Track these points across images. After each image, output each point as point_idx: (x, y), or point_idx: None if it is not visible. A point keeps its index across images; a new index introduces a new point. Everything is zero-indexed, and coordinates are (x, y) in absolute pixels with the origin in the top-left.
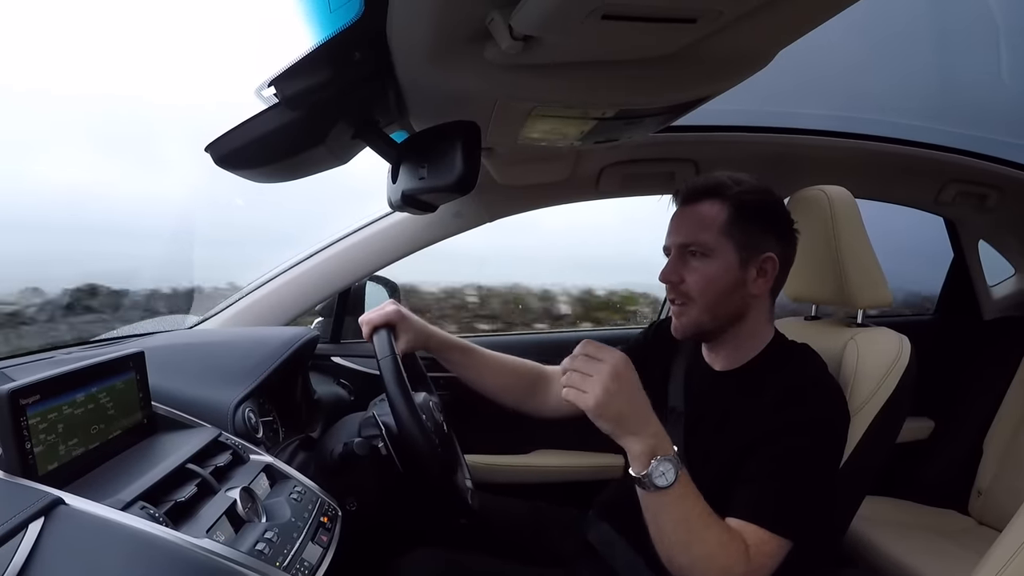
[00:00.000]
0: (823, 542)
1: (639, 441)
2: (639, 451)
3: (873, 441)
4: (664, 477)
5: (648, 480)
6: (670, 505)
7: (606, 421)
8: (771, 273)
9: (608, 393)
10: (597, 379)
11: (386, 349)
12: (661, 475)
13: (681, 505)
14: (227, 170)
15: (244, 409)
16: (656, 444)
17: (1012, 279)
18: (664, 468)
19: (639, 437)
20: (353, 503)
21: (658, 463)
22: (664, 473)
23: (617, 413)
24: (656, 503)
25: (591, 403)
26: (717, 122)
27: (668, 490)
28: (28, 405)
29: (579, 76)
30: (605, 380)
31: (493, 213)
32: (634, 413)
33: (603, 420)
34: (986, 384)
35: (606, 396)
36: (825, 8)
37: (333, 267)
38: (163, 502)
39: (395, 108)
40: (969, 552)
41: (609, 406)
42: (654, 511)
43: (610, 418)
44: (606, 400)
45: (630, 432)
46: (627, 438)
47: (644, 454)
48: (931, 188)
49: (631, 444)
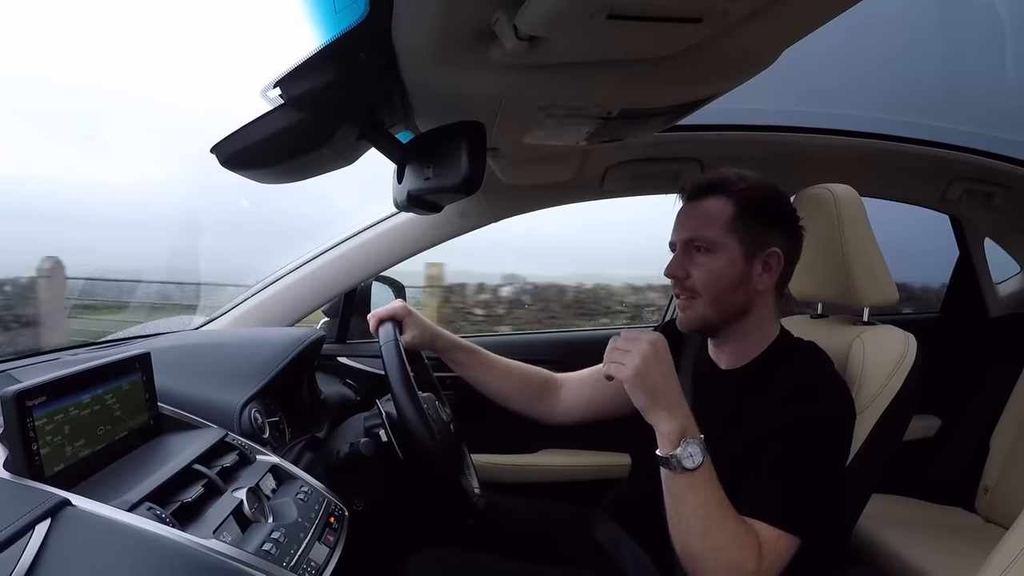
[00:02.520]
0: (832, 540)
1: (671, 419)
2: (669, 429)
3: (880, 439)
4: (692, 459)
5: (676, 460)
6: (694, 488)
7: (642, 392)
8: (776, 268)
9: (645, 364)
10: (636, 352)
11: (389, 336)
12: (689, 456)
13: (704, 489)
14: (233, 171)
15: (250, 409)
16: (686, 425)
17: (1018, 277)
18: (692, 450)
19: (671, 415)
20: (360, 503)
21: (687, 444)
22: (692, 455)
23: (653, 385)
24: (680, 485)
25: (630, 372)
26: (722, 121)
27: (694, 472)
28: (34, 407)
29: (584, 76)
30: (643, 352)
31: (498, 213)
32: (668, 390)
33: (639, 391)
34: (992, 382)
35: (644, 367)
36: (830, 7)
37: (339, 267)
38: (170, 503)
39: (400, 109)
40: (976, 550)
41: (646, 376)
42: (677, 493)
43: (647, 389)
44: (644, 370)
45: (663, 408)
46: (659, 413)
47: (674, 433)
48: (937, 186)
49: (662, 421)
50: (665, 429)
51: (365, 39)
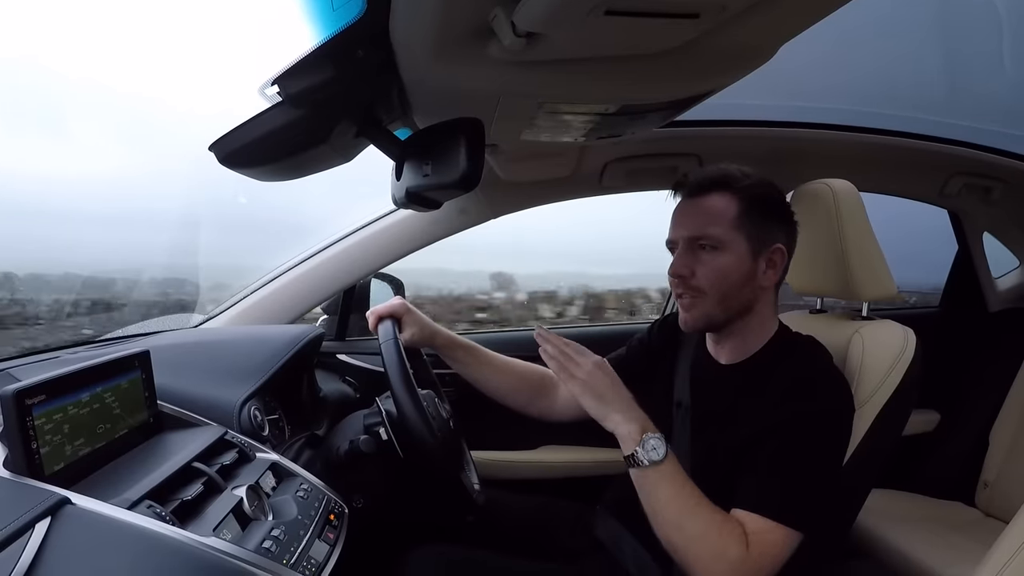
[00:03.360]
0: (831, 534)
1: (626, 420)
2: (627, 430)
3: (879, 434)
4: (656, 451)
5: (640, 456)
6: (663, 481)
7: (591, 398)
8: (780, 264)
9: (591, 376)
10: (580, 369)
11: (389, 334)
12: (652, 449)
13: (673, 480)
14: (231, 168)
15: (250, 407)
16: (644, 424)
17: (1017, 271)
18: (654, 443)
19: (625, 416)
20: (360, 500)
21: (647, 438)
22: (655, 447)
23: (600, 390)
24: (650, 481)
25: (578, 387)
26: (721, 116)
27: (660, 465)
28: (34, 405)
29: (582, 72)
30: (588, 362)
31: (497, 209)
32: (616, 396)
33: (587, 397)
34: (992, 376)
35: (590, 379)
36: (828, 2)
37: (338, 265)
38: (169, 501)
39: (398, 105)
40: (975, 544)
41: (591, 384)
42: (648, 490)
43: (596, 394)
44: (591, 381)
45: (616, 410)
46: (614, 416)
47: (634, 431)
48: (936, 181)
49: (619, 423)
50: (623, 431)
51: (363, 36)
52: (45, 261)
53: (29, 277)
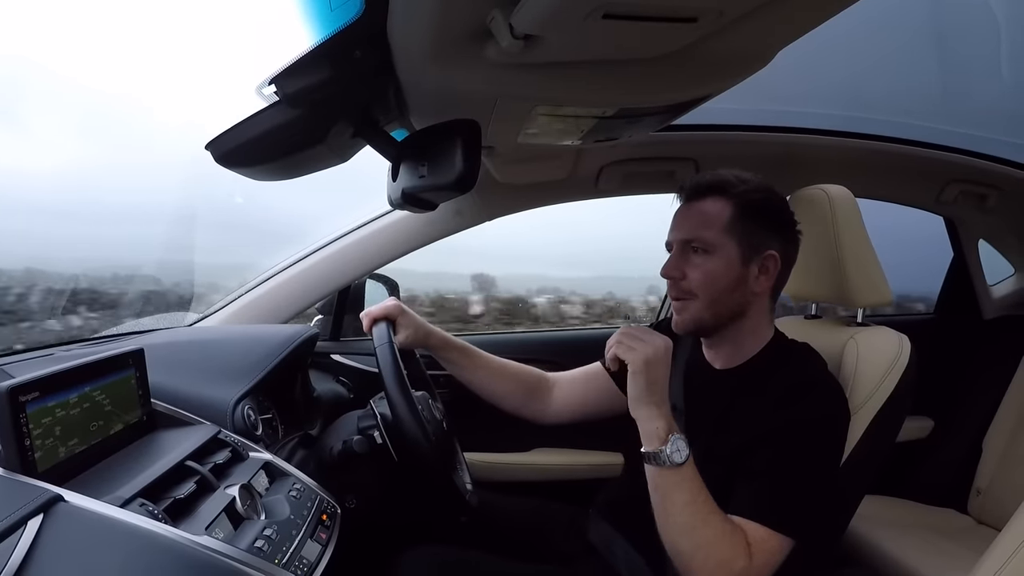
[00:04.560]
0: (825, 541)
1: (660, 416)
2: (657, 426)
3: (873, 440)
4: (680, 453)
5: (665, 456)
6: (681, 484)
7: (644, 381)
8: (773, 271)
9: (656, 355)
10: (649, 343)
11: (384, 337)
12: (677, 451)
13: (691, 485)
14: (227, 168)
15: (243, 406)
16: (671, 423)
17: (1012, 278)
18: (680, 445)
19: (660, 412)
20: (352, 500)
21: (674, 439)
22: (680, 450)
23: (654, 378)
24: (668, 482)
25: (639, 358)
26: (717, 121)
27: (681, 468)
28: (27, 402)
29: (579, 75)
30: (656, 346)
31: (492, 211)
32: (662, 387)
33: (642, 378)
34: (986, 383)
35: (654, 357)
36: (825, 8)
37: (333, 265)
38: (162, 499)
39: (395, 106)
40: (968, 551)
41: (653, 367)
42: (664, 491)
43: (649, 380)
44: (653, 361)
45: (654, 403)
46: (651, 408)
47: (662, 428)
48: (932, 188)
49: (652, 417)
50: (652, 425)
51: (361, 37)
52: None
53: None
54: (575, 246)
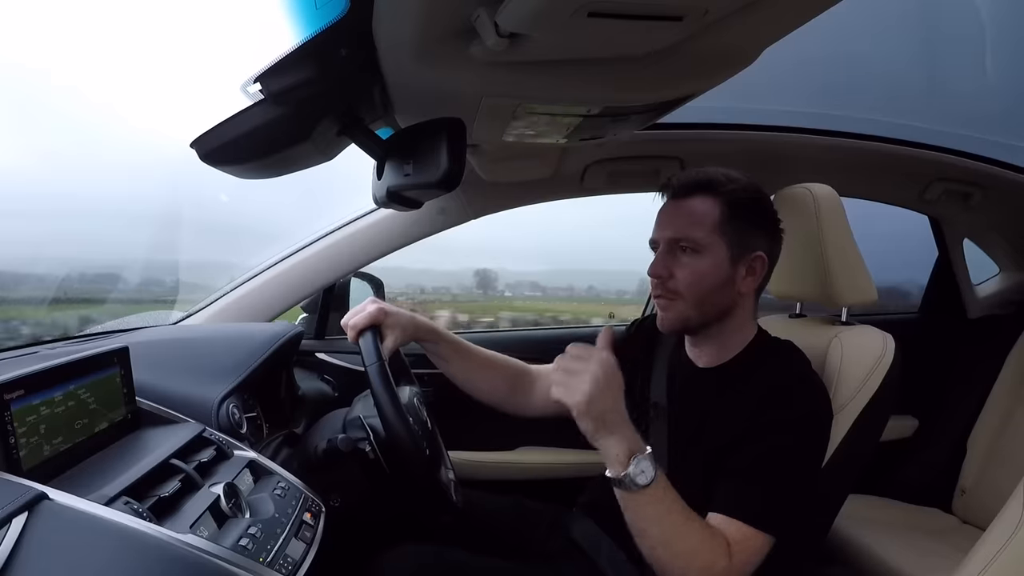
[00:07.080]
0: (806, 540)
1: (618, 442)
2: (618, 452)
3: (857, 439)
4: (644, 475)
5: (629, 480)
6: (650, 503)
7: (590, 420)
8: (760, 272)
9: (597, 388)
10: (587, 375)
11: (372, 355)
12: (641, 473)
13: (662, 502)
14: (212, 166)
15: (228, 405)
16: (633, 444)
17: (996, 278)
18: (643, 466)
19: (618, 438)
20: (337, 499)
21: (637, 462)
22: (644, 471)
23: (601, 411)
24: (636, 503)
25: (580, 399)
26: (703, 119)
27: (648, 488)
28: (12, 400)
29: (565, 73)
30: (595, 376)
31: (478, 210)
32: (615, 413)
33: (587, 418)
34: (970, 383)
35: (595, 391)
36: (810, 7)
37: (318, 263)
38: (147, 497)
39: (381, 105)
40: (953, 551)
41: (594, 404)
42: (634, 511)
43: (594, 416)
44: (595, 396)
45: (610, 432)
46: (607, 439)
47: (622, 454)
48: (916, 186)
49: (611, 445)
50: (613, 452)
51: (346, 35)
52: None
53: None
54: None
